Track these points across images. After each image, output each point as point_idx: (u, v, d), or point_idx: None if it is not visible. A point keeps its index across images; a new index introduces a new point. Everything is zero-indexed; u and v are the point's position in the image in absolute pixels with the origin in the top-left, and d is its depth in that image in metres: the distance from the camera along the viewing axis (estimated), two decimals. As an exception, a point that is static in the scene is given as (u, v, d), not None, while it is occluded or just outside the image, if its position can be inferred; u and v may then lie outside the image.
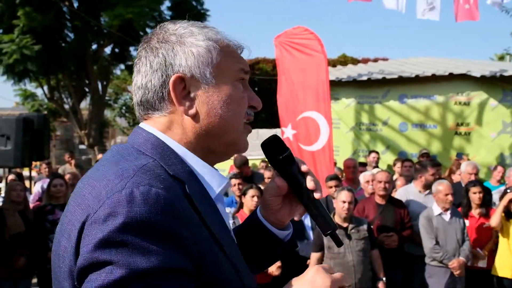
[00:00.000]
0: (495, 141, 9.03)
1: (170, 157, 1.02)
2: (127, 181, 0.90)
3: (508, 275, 5.04)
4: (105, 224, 0.85)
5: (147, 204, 0.86)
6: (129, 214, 0.85)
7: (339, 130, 9.47)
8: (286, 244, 1.28)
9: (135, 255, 0.84)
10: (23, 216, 5.19)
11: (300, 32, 7.15)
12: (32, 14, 14.70)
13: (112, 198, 0.87)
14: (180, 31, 1.08)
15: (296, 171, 1.16)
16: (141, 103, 1.09)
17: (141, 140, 1.05)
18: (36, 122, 7.15)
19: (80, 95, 19.48)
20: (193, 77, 1.04)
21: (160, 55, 1.05)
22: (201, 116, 1.05)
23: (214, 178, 1.07)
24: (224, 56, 1.08)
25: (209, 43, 1.06)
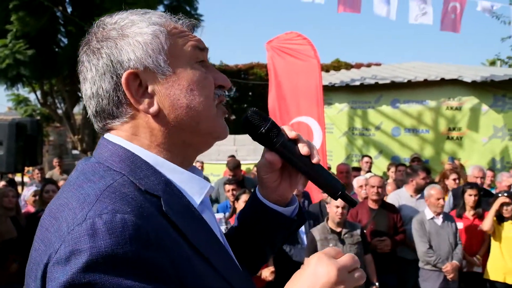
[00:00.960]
0: (487, 146, 9.11)
1: (142, 169, 0.91)
2: (89, 210, 0.79)
3: (500, 278, 5.07)
4: (68, 264, 0.75)
5: (112, 234, 0.76)
6: (92, 250, 0.74)
7: (332, 135, 9.51)
8: (294, 220, 1.18)
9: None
10: (15, 222, 5.16)
11: (293, 37, 7.18)
12: (26, 19, 14.67)
13: (72, 234, 0.77)
14: (120, 23, 0.96)
15: (285, 140, 1.05)
16: (97, 114, 0.96)
17: (107, 154, 0.93)
18: (29, 127, 7.13)
19: (73, 100, 19.42)
20: (147, 70, 0.92)
21: (103, 55, 0.93)
22: (165, 111, 0.93)
23: (194, 185, 0.96)
24: (174, 38, 0.96)
25: (154, 28, 0.95)
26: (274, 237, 1.19)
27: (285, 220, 1.16)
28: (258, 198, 1.15)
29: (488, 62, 22.36)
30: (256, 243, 1.19)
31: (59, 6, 16.37)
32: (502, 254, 5.09)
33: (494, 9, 8.49)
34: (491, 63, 21.33)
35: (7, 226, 5.06)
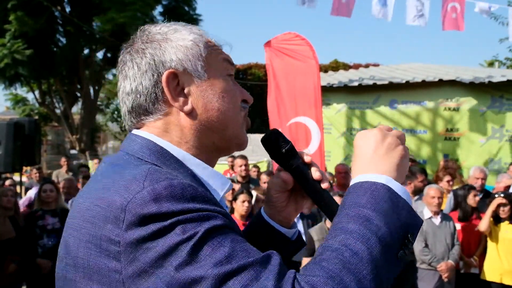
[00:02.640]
0: (484, 147, 9.13)
1: (171, 162, 0.97)
2: (143, 181, 0.85)
3: (496, 279, 5.09)
4: (143, 226, 0.81)
5: (175, 197, 0.83)
6: (161, 211, 0.81)
7: (331, 135, 9.53)
8: (294, 242, 1.22)
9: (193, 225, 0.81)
10: (13, 222, 5.16)
11: (291, 38, 7.20)
12: (24, 18, 14.66)
13: (134, 202, 0.82)
14: (164, 29, 1.05)
15: (300, 163, 1.11)
16: (132, 110, 1.03)
17: (136, 147, 0.99)
18: (27, 127, 7.12)
19: (71, 100, 19.42)
20: (185, 72, 1.01)
21: (147, 55, 1.01)
22: (198, 111, 1.01)
23: (216, 181, 1.03)
24: (211, 50, 1.05)
25: (195, 36, 1.04)
26: None
27: (285, 241, 1.20)
28: (262, 216, 1.20)
29: (486, 63, 22.42)
30: None
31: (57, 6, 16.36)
32: (498, 255, 5.11)
33: (492, 10, 8.51)
34: (489, 64, 21.38)
35: (6, 226, 5.05)
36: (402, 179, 0.94)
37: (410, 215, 0.88)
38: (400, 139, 0.99)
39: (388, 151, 0.96)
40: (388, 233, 0.84)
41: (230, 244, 0.81)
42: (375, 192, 0.89)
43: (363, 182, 0.91)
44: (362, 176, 0.93)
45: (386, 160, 0.94)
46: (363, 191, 0.90)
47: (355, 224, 0.84)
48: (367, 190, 0.89)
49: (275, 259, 0.83)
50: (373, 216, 0.85)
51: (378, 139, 0.97)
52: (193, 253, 0.79)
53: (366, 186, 0.90)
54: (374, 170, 0.93)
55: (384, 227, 0.84)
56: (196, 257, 0.79)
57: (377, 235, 0.83)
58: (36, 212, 5.37)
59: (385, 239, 0.83)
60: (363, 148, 0.98)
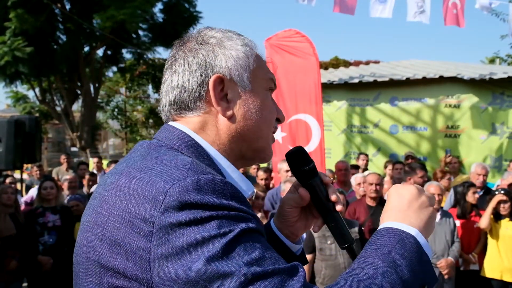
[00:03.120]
0: (485, 144, 9.13)
1: (204, 158, 1.01)
2: (187, 170, 0.88)
3: (497, 276, 5.09)
4: (182, 211, 0.83)
5: (216, 191, 0.87)
6: (203, 201, 0.85)
7: (331, 133, 9.52)
8: (298, 258, 1.25)
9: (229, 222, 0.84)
10: (14, 219, 5.17)
11: (292, 35, 7.18)
12: (24, 16, 14.64)
13: (177, 187, 0.85)
14: (219, 35, 1.09)
15: (319, 183, 1.16)
16: (174, 103, 1.08)
17: (173, 137, 1.04)
18: (28, 125, 7.13)
19: (72, 98, 19.41)
20: (231, 79, 1.06)
21: (200, 55, 1.06)
22: (237, 118, 1.06)
23: (242, 184, 1.07)
24: (258, 64, 1.11)
25: (247, 48, 1.09)
26: None
27: (290, 255, 1.23)
28: (271, 227, 1.24)
29: (487, 60, 22.39)
30: None
31: (57, 4, 16.34)
32: (499, 252, 5.11)
33: (492, 6, 8.49)
34: (491, 61, 21.35)
35: (6, 223, 5.06)
36: (427, 237, 1.00)
37: (430, 270, 0.94)
38: (431, 201, 1.04)
39: (421, 208, 1.01)
40: (411, 280, 0.88)
41: (261, 248, 0.85)
42: (404, 241, 0.94)
43: (395, 229, 0.97)
44: (393, 223, 0.98)
45: (418, 215, 1.00)
46: (393, 236, 0.95)
47: (383, 263, 0.89)
48: (397, 237, 0.94)
49: (301, 272, 0.86)
50: (400, 261, 0.90)
51: (414, 194, 1.03)
52: (226, 249, 0.81)
53: (396, 233, 0.96)
54: (406, 221, 0.98)
55: (408, 274, 0.89)
56: (228, 253, 0.81)
57: (401, 278, 0.88)
58: (37, 209, 5.38)
59: (407, 284, 0.88)
60: (398, 199, 1.03)
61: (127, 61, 20.46)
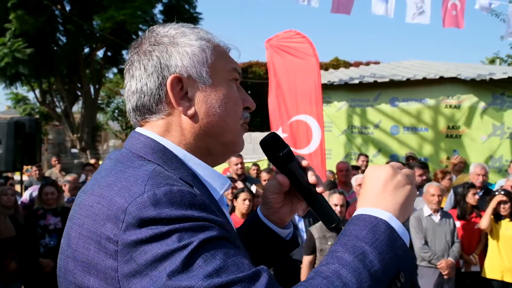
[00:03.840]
0: (485, 144, 9.12)
1: (172, 161, 1.00)
2: (145, 185, 0.88)
3: (497, 276, 5.09)
4: (142, 228, 0.84)
5: (174, 203, 0.86)
6: (161, 215, 0.84)
7: (331, 133, 9.52)
8: (289, 243, 1.27)
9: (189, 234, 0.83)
10: (13, 221, 5.17)
11: (292, 35, 7.18)
12: (24, 17, 14.65)
13: (134, 204, 0.85)
14: (172, 32, 1.07)
15: (297, 166, 1.15)
16: (136, 108, 1.07)
17: (140, 145, 1.03)
18: (28, 126, 7.13)
19: (72, 99, 19.41)
20: (190, 77, 1.04)
21: (154, 57, 1.04)
22: (200, 116, 1.04)
23: (216, 180, 1.06)
24: (217, 55, 1.07)
25: (202, 42, 1.06)
26: (267, 255, 1.27)
27: (279, 240, 1.24)
28: (258, 215, 1.24)
29: (487, 60, 22.38)
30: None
31: (57, 5, 16.35)
32: (499, 252, 5.10)
33: (492, 7, 8.48)
34: (491, 61, 21.35)
35: (6, 225, 5.06)
36: (405, 218, 0.97)
37: (404, 256, 0.91)
38: (409, 179, 1.01)
39: (396, 188, 0.98)
40: (381, 270, 0.87)
41: (222, 257, 0.83)
42: (375, 228, 0.91)
43: (366, 216, 0.94)
44: (366, 209, 0.96)
45: (393, 197, 0.97)
46: (364, 224, 0.92)
47: (351, 256, 0.87)
48: (368, 224, 0.92)
49: (264, 276, 0.84)
50: (369, 251, 0.88)
51: (388, 175, 0.99)
52: (186, 263, 0.81)
53: (368, 220, 0.93)
54: (379, 205, 0.96)
55: (378, 264, 0.87)
56: (189, 267, 0.81)
57: (370, 271, 0.86)
58: (37, 211, 5.37)
59: (377, 275, 0.86)
60: (372, 182, 1.00)
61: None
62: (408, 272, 0.91)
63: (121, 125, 26.95)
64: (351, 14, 8.27)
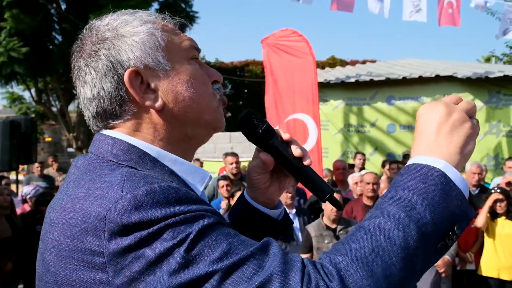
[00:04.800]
0: (481, 142, 9.15)
1: (146, 161, 0.91)
2: (122, 188, 0.80)
3: (494, 274, 5.10)
4: (128, 235, 0.76)
5: (158, 202, 0.78)
6: (146, 218, 0.76)
7: (328, 132, 9.53)
8: (281, 223, 1.19)
9: (183, 227, 0.77)
10: (9, 221, 5.14)
11: (288, 34, 7.19)
12: (20, 16, 14.58)
13: (113, 211, 0.77)
14: (113, 24, 0.97)
15: (279, 142, 1.07)
16: (97, 115, 0.96)
17: (107, 148, 0.93)
18: (24, 125, 7.12)
19: (68, 98, 19.35)
20: (147, 67, 0.93)
21: (102, 57, 0.94)
22: (169, 105, 0.95)
23: (195, 176, 0.98)
24: (169, 36, 0.98)
25: (148, 26, 0.96)
26: (259, 239, 1.21)
27: (271, 222, 1.17)
28: (246, 199, 1.17)
29: (483, 59, 22.46)
30: None
31: (53, 4, 16.29)
32: (495, 250, 5.12)
33: (488, 5, 8.51)
34: (486, 60, 21.42)
35: (2, 225, 5.04)
36: (464, 163, 0.88)
37: (461, 206, 0.83)
38: (469, 114, 0.90)
39: (453, 129, 0.88)
40: (432, 223, 0.79)
41: (226, 239, 0.78)
42: (427, 177, 0.83)
43: (418, 165, 0.85)
44: (419, 158, 0.87)
45: (449, 141, 0.87)
46: (415, 174, 0.84)
47: (397, 208, 0.81)
48: (419, 174, 0.84)
49: (274, 246, 0.80)
50: (419, 202, 0.80)
51: (443, 115, 0.89)
52: (189, 255, 0.75)
53: (419, 169, 0.84)
54: (433, 153, 0.87)
55: (428, 216, 0.79)
56: (193, 258, 0.75)
57: (418, 223, 0.79)
58: (36, 213, 5.33)
59: (426, 228, 0.79)
60: (426, 125, 0.90)
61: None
62: (465, 224, 0.84)
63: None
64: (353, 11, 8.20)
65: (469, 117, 0.90)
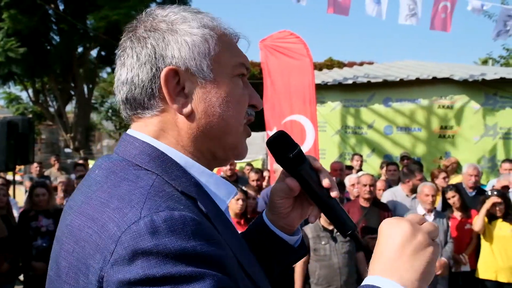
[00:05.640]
0: (478, 144, 9.18)
1: (173, 170, 0.88)
2: (141, 209, 0.77)
3: (491, 277, 5.10)
4: (133, 264, 0.73)
5: (174, 232, 0.75)
6: (158, 248, 0.73)
7: (325, 133, 9.54)
8: (297, 250, 1.15)
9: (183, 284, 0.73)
10: (6, 221, 5.13)
11: (286, 36, 7.20)
12: (18, 16, 14.57)
13: (128, 233, 0.74)
14: (171, 17, 0.93)
15: (308, 169, 1.03)
16: (127, 101, 0.94)
17: (134, 152, 0.90)
18: (21, 126, 7.10)
19: (65, 98, 19.33)
20: (188, 71, 0.90)
21: (149, 45, 0.91)
22: (197, 115, 0.91)
23: (221, 188, 0.95)
24: (222, 47, 0.94)
25: (205, 31, 0.92)
26: (274, 264, 1.15)
27: (287, 248, 1.13)
28: (264, 222, 1.12)
29: (480, 61, 22.53)
30: None
31: (51, 4, 16.27)
32: (492, 253, 5.12)
33: (484, 8, 8.53)
34: (483, 62, 21.49)
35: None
36: (426, 286, 0.82)
37: None
38: (431, 236, 0.84)
39: (416, 253, 0.81)
40: None
41: None
42: None
43: (375, 287, 0.80)
44: (376, 279, 0.81)
45: (410, 265, 0.80)
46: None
47: None
48: None
49: None
50: None
51: (408, 235, 0.82)
52: None
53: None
54: (393, 275, 0.80)
55: None
56: None
57: None
58: (29, 212, 5.30)
59: None
60: (387, 242, 0.83)
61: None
62: None
63: (115, 125, 26.87)
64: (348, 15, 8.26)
65: (432, 240, 0.84)
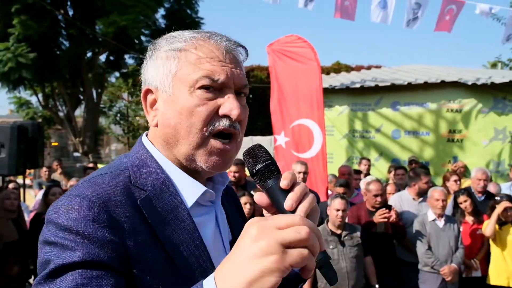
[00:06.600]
0: (487, 148, 9.11)
1: (148, 166, 1.07)
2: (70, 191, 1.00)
3: (503, 283, 5.02)
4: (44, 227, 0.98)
5: (70, 211, 0.94)
6: (54, 221, 0.95)
7: (333, 137, 9.52)
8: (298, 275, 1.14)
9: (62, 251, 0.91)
10: (16, 225, 5.17)
11: (293, 40, 7.21)
12: (28, 22, 14.73)
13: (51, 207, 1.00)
14: (159, 43, 1.13)
15: (275, 187, 0.95)
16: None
17: (134, 150, 1.14)
18: (31, 130, 7.16)
19: (74, 103, 19.47)
20: (157, 89, 1.10)
21: (143, 70, 1.16)
22: (159, 126, 1.09)
23: (190, 188, 1.06)
24: (186, 64, 1.05)
25: (170, 53, 1.08)
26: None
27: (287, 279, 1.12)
28: None
29: (489, 64, 22.37)
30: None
31: (60, 10, 16.43)
32: (504, 258, 5.05)
33: (492, 11, 8.49)
34: (492, 65, 21.34)
35: (9, 228, 5.07)
36: None
37: None
38: (286, 244, 0.73)
39: (251, 259, 0.73)
40: None
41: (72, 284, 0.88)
42: None
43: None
44: (209, 279, 0.78)
45: (242, 270, 0.73)
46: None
47: None
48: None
49: None
50: None
51: (249, 239, 0.74)
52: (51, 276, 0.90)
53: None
54: (220, 278, 0.75)
55: None
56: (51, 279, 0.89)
57: None
58: (42, 214, 5.36)
59: None
60: (237, 243, 0.77)
61: (130, 67, 20.58)
62: None
63: (123, 129, 26.99)
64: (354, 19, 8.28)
65: (286, 248, 0.73)
